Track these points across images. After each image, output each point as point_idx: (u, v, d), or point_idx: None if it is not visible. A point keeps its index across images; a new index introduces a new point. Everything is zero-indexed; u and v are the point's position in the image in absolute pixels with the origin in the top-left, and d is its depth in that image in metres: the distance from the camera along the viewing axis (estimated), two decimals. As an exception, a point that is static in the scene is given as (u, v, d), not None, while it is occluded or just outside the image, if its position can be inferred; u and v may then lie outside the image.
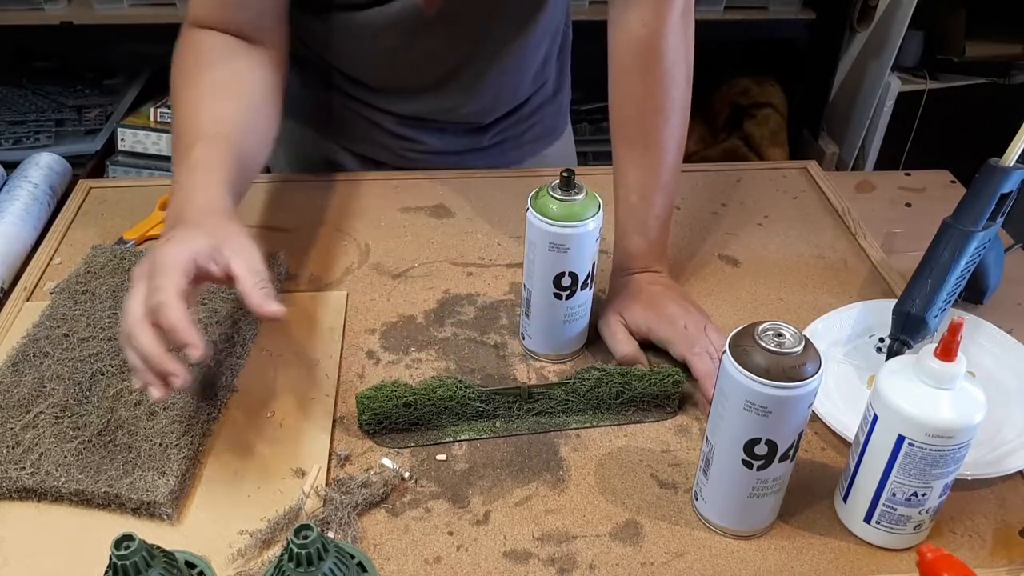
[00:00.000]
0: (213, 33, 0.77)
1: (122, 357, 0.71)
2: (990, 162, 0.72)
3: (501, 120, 1.02)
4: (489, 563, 0.60)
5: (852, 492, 0.62)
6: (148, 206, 0.93)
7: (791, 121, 2.07)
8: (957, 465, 0.57)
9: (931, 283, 0.71)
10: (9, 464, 0.62)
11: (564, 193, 0.69)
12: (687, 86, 0.78)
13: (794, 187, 1.03)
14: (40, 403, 0.67)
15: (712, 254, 0.91)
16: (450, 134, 1.01)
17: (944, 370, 0.55)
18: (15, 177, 0.97)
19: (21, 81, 1.94)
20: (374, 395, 0.68)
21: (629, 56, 0.77)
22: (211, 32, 0.77)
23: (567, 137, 1.12)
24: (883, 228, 1.01)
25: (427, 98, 0.95)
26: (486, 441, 0.69)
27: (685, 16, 0.76)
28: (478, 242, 0.91)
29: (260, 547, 0.60)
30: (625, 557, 0.61)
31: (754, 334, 0.55)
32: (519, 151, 1.06)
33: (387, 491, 0.64)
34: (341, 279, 0.85)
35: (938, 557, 0.56)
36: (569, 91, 1.09)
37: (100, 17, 1.77)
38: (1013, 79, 1.99)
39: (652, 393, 0.71)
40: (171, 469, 0.62)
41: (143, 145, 1.82)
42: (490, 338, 0.79)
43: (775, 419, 0.55)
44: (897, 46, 1.86)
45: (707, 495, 0.62)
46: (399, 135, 0.99)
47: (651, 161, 0.78)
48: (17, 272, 0.86)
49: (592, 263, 0.72)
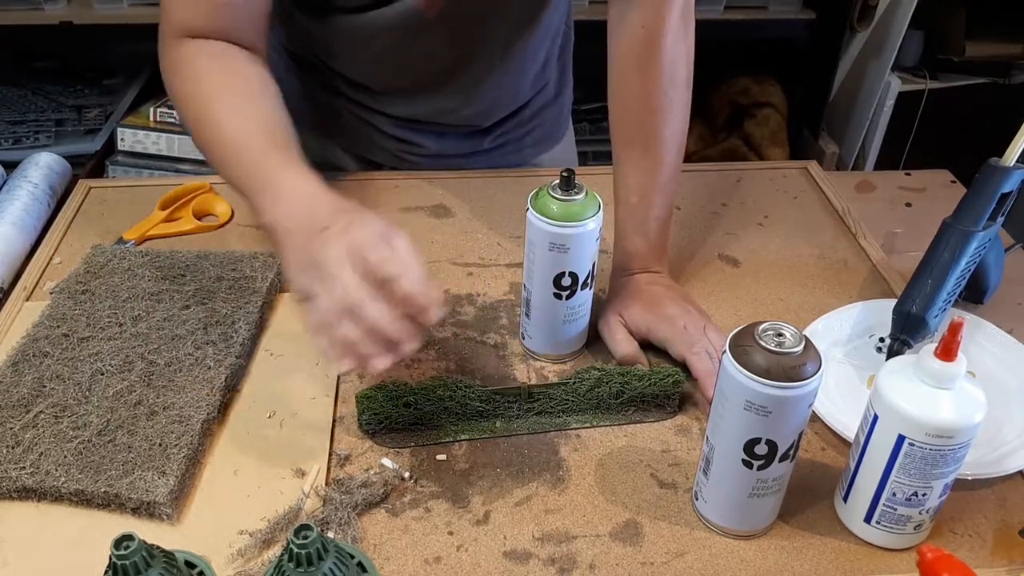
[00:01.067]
0: (210, 41, 0.75)
1: (122, 357, 0.71)
2: (990, 162, 0.72)
3: (502, 123, 1.02)
4: (489, 563, 0.60)
5: (852, 492, 0.62)
6: (148, 206, 0.93)
7: (791, 121, 2.07)
8: (957, 465, 0.57)
9: (931, 283, 0.71)
10: (9, 464, 0.62)
11: (564, 193, 0.69)
12: (687, 87, 0.78)
13: (794, 187, 1.03)
14: (40, 403, 0.67)
15: (712, 254, 0.91)
16: (450, 137, 1.00)
17: (944, 370, 0.55)
18: (15, 177, 0.97)
19: (21, 81, 1.94)
20: (374, 395, 0.68)
21: (629, 57, 0.77)
22: (207, 41, 0.75)
23: (568, 140, 1.12)
24: (883, 228, 1.01)
25: (427, 100, 0.95)
26: (486, 441, 0.69)
27: (685, 17, 0.76)
28: (478, 242, 0.91)
29: (260, 547, 0.60)
30: (625, 557, 0.61)
31: (754, 334, 0.55)
32: (520, 154, 1.06)
33: (387, 491, 0.64)
34: (341, 279, 0.85)
35: (938, 557, 0.55)
36: (571, 94, 1.09)
37: (100, 17, 1.77)
38: (1013, 79, 1.99)
39: (652, 393, 0.71)
40: (171, 469, 0.62)
41: (143, 145, 1.82)
42: (490, 338, 0.79)
43: (775, 419, 0.55)
44: (897, 46, 1.86)
45: (707, 495, 0.62)
46: (399, 138, 0.99)
47: (651, 161, 0.78)
48: (17, 272, 0.86)
49: (592, 263, 0.72)
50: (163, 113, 1.83)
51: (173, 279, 0.80)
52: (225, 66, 0.75)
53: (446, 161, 1.02)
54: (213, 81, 0.74)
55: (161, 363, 0.71)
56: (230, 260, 0.83)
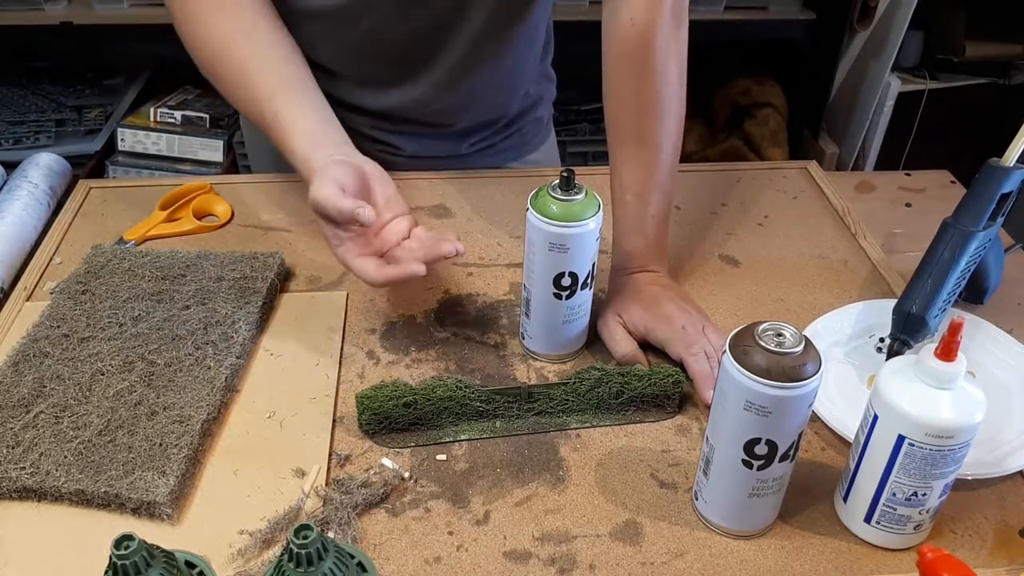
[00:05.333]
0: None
1: (122, 357, 0.71)
2: (990, 162, 0.72)
3: (479, 129, 1.02)
4: (489, 563, 0.60)
5: (852, 492, 0.62)
6: (148, 206, 0.93)
7: (791, 121, 2.07)
8: (957, 465, 0.57)
9: (931, 283, 0.71)
10: (9, 464, 0.62)
11: (564, 193, 0.69)
12: (680, 85, 0.78)
13: (794, 187, 1.03)
14: (40, 403, 0.67)
15: (712, 254, 0.91)
16: (427, 139, 1.00)
17: (944, 370, 0.55)
18: (15, 177, 0.97)
19: (21, 81, 1.94)
20: (374, 395, 0.68)
21: (620, 55, 0.77)
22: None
23: (549, 147, 1.11)
24: (883, 228, 1.01)
25: (401, 91, 0.94)
26: (486, 441, 0.69)
27: (676, 15, 0.76)
28: (478, 242, 0.91)
29: (260, 547, 0.60)
30: (625, 557, 0.61)
31: (754, 334, 0.55)
32: (496, 159, 1.06)
33: (387, 491, 0.64)
34: (341, 279, 0.85)
35: (938, 557, 0.55)
36: (551, 106, 1.08)
37: (100, 17, 1.77)
38: (1013, 79, 1.99)
39: (652, 393, 0.71)
40: (171, 469, 0.62)
41: (143, 145, 1.82)
42: (490, 338, 0.79)
43: (775, 419, 0.55)
44: (897, 46, 1.86)
45: (707, 495, 0.62)
46: (374, 139, 0.98)
47: (646, 159, 0.78)
48: (17, 272, 0.86)
49: (592, 263, 0.72)
50: (163, 113, 1.83)
51: (173, 279, 0.80)
52: None
53: (422, 163, 1.01)
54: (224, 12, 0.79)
55: (161, 363, 0.71)
56: (230, 260, 0.83)
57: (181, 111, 1.83)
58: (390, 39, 0.89)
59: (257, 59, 0.79)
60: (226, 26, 0.79)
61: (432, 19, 0.87)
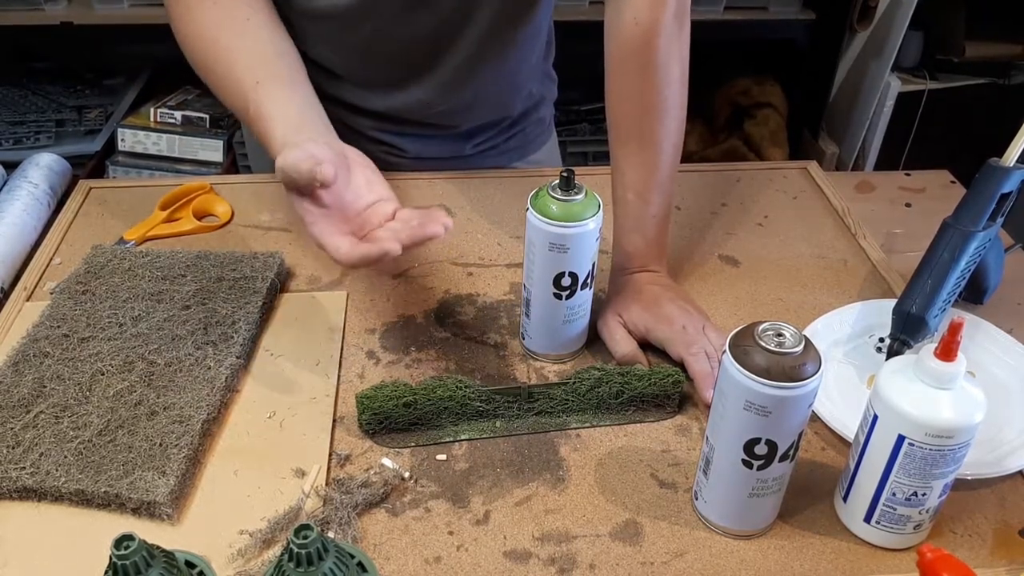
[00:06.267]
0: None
1: (122, 357, 0.71)
2: (990, 162, 0.72)
3: (483, 130, 1.02)
4: (489, 563, 0.60)
5: (852, 492, 0.62)
6: (148, 206, 0.93)
7: (791, 121, 2.07)
8: (957, 465, 0.57)
9: (931, 283, 0.71)
10: (9, 464, 0.62)
11: (564, 193, 0.69)
12: (682, 86, 0.78)
13: (794, 187, 1.03)
14: (40, 403, 0.67)
15: (712, 254, 0.91)
16: (431, 140, 1.00)
17: (944, 370, 0.55)
18: (15, 177, 0.97)
19: (21, 81, 1.93)
20: (374, 395, 0.68)
21: (623, 55, 0.77)
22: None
23: (551, 148, 1.11)
24: (883, 228, 1.01)
25: (402, 93, 0.94)
26: (486, 441, 0.69)
27: (679, 17, 0.76)
28: (478, 242, 0.91)
29: (260, 547, 0.60)
30: (625, 557, 0.61)
31: (754, 334, 0.55)
32: (500, 159, 1.06)
33: (387, 491, 0.64)
34: (341, 279, 0.85)
35: (938, 557, 0.55)
36: (552, 106, 1.08)
37: (100, 17, 1.77)
38: (1013, 79, 1.99)
39: (652, 393, 0.71)
40: (171, 469, 0.62)
41: (143, 145, 1.82)
42: (490, 338, 0.79)
43: (775, 419, 0.55)
44: (897, 46, 1.86)
45: (707, 495, 0.62)
46: (378, 140, 0.98)
47: (647, 159, 0.78)
48: (17, 272, 0.86)
49: (592, 263, 0.72)
50: (163, 113, 1.83)
51: (173, 279, 0.80)
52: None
53: (426, 164, 1.01)
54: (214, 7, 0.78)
55: (161, 363, 0.71)
56: (230, 260, 0.83)
57: (181, 111, 1.83)
58: (395, 41, 0.89)
59: (245, 52, 0.77)
60: (219, 20, 0.78)
61: (437, 21, 0.87)
